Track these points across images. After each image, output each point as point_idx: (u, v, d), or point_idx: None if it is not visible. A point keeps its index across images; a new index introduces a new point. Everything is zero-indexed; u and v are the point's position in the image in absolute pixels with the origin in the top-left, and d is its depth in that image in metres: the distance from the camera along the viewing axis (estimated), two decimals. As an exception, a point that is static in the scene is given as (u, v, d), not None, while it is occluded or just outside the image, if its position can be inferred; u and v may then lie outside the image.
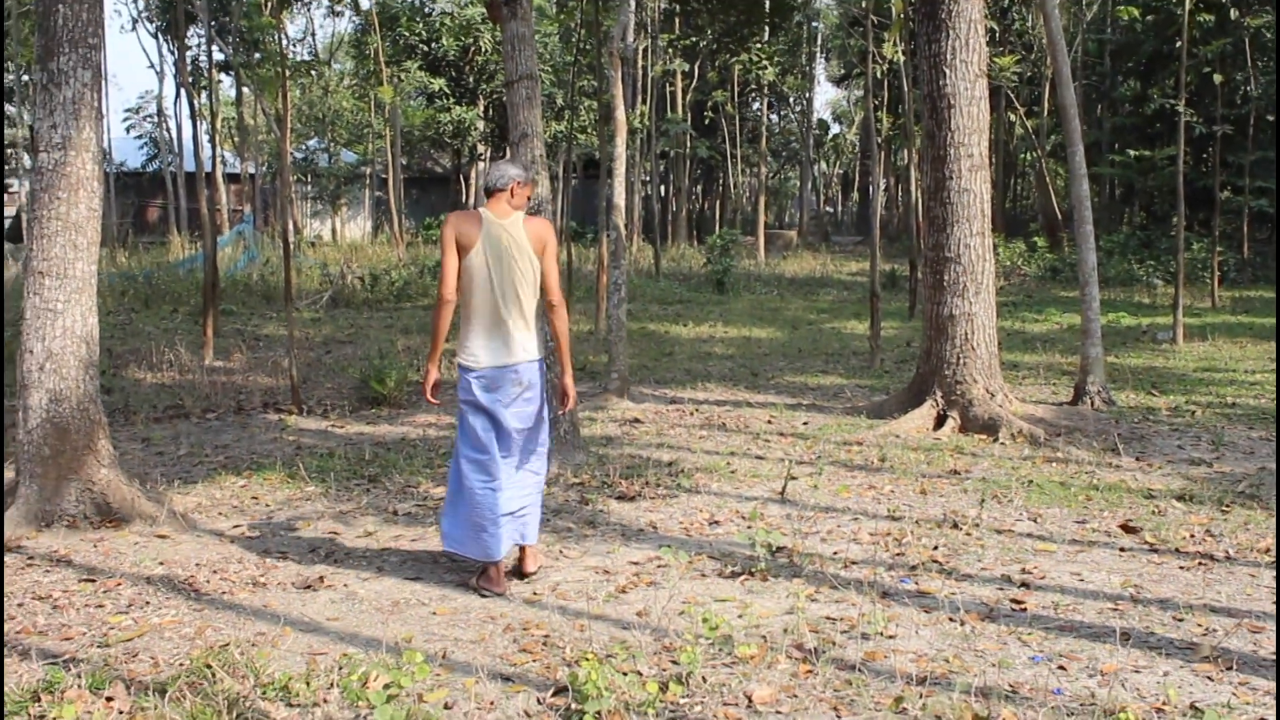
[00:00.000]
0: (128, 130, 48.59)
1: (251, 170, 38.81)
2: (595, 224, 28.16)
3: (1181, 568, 5.94)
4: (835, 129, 63.66)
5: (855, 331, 17.76)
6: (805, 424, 10.24)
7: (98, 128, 6.84)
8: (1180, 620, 5.12)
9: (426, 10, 32.04)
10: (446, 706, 4.22)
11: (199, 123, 23.50)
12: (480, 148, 35.80)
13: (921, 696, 4.25)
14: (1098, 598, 5.45)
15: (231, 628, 5.05)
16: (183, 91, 19.91)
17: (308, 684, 4.31)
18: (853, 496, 7.55)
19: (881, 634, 4.93)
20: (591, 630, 5.00)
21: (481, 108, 33.21)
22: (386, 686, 4.22)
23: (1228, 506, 7.20)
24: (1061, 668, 4.57)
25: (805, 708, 4.20)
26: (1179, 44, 16.78)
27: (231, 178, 41.93)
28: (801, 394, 11.91)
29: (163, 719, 4.02)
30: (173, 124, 41.36)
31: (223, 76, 38.12)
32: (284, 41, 16.05)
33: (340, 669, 4.48)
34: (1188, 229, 26.96)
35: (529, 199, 5.91)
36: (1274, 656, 4.67)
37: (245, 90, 32.02)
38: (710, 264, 26.63)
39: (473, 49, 31.69)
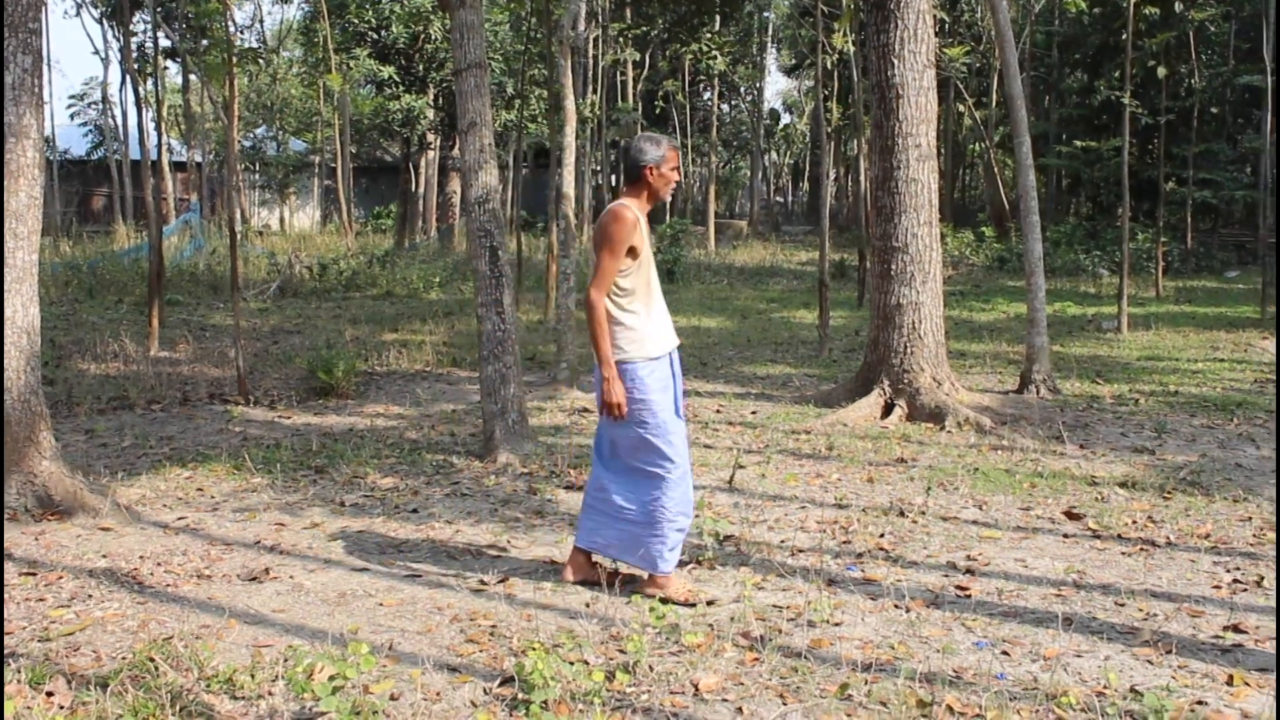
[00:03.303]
0: (72, 118, 48.03)
1: (198, 158, 38.47)
2: (546, 214, 28.10)
3: (1123, 553, 6.01)
4: (786, 119, 63.83)
5: (804, 321, 17.82)
6: (754, 413, 10.27)
7: (39, 114, 6.74)
8: (1121, 605, 5.18)
9: (375, -3, 31.83)
10: (393, 698, 4.20)
11: (144, 110, 23.22)
12: (430, 137, 35.58)
13: (867, 683, 4.28)
14: (1041, 583, 5.51)
15: (176, 620, 5.00)
16: (128, 78, 19.63)
17: (253, 676, 4.29)
18: (800, 485, 7.58)
19: (828, 621, 4.96)
20: (539, 620, 4.99)
21: (431, 96, 32.99)
22: (332, 678, 4.19)
23: (1169, 493, 7.30)
24: (1005, 653, 4.61)
25: (751, 695, 4.22)
26: (1125, 36, 16.92)
27: (178, 166, 41.51)
28: (750, 383, 11.94)
29: (104, 713, 3.98)
30: (118, 111, 40.75)
31: (169, 63, 37.66)
32: (231, 28, 15.89)
33: (286, 661, 4.45)
34: (1133, 220, 27.26)
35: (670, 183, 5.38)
36: (1214, 640, 4.74)
37: (192, 77, 31.80)
38: (660, 253, 26.61)
39: (422, 37, 31.46)
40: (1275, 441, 8.79)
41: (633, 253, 5.14)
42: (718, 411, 10.34)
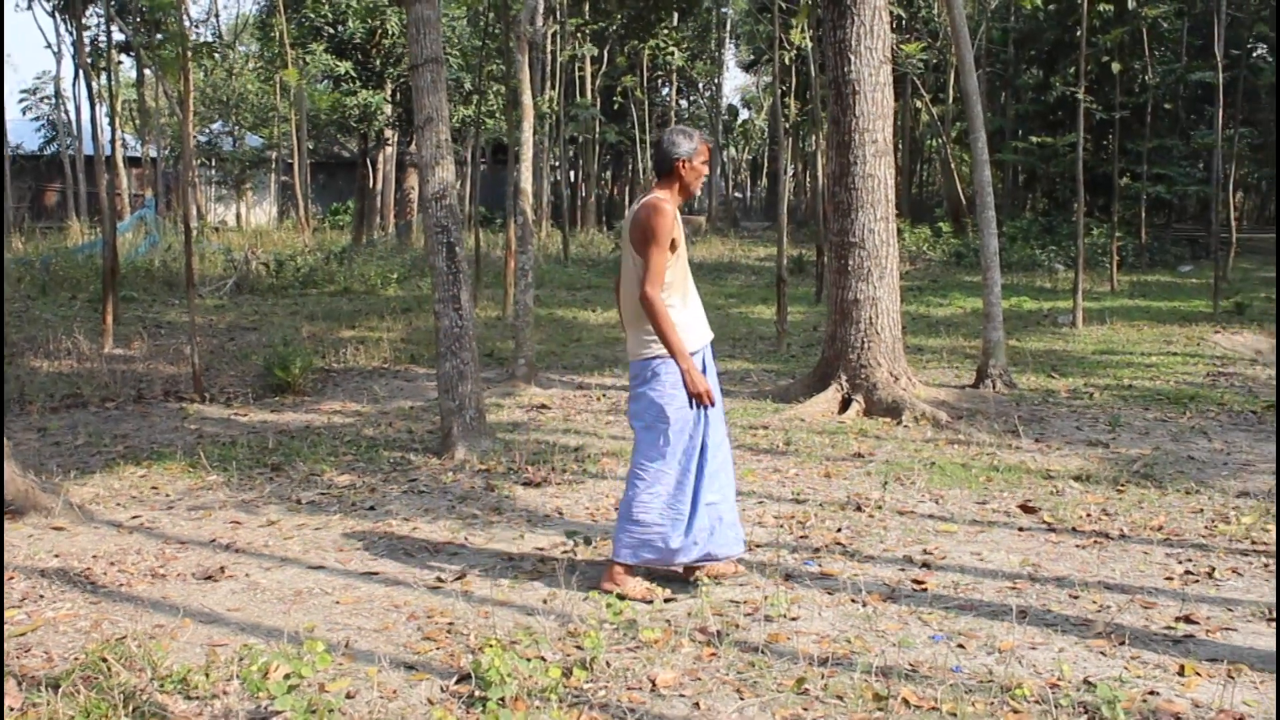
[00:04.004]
0: (24, 112, 47.49)
1: (153, 154, 38.06)
2: (504, 210, 28.02)
3: (1078, 546, 6.06)
4: (744, 114, 64.00)
5: (762, 316, 17.87)
6: (712, 408, 10.26)
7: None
8: (1076, 597, 5.22)
9: (333, -8, 31.62)
10: (349, 696, 4.18)
11: (98, 105, 23.00)
12: (387, 132, 35.40)
13: (823, 677, 4.29)
14: (997, 577, 5.55)
15: (129, 620, 4.95)
16: (81, 72, 19.43)
17: (207, 676, 4.25)
18: (758, 480, 7.60)
19: (785, 616, 4.97)
20: (496, 617, 4.98)
21: (389, 91, 32.80)
22: (287, 677, 4.17)
23: (1123, 486, 7.36)
24: (961, 646, 4.64)
25: (709, 690, 4.22)
26: (1079, 33, 17.05)
27: (132, 161, 41.15)
28: (709, 379, 11.93)
29: (56, 715, 3.93)
30: (71, 106, 40.43)
31: (123, 57, 37.33)
32: (186, 22, 15.74)
33: (241, 660, 4.42)
34: (1088, 215, 27.53)
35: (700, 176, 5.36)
36: (1166, 631, 4.79)
37: (146, 72, 31.49)
38: (619, 249, 26.60)
39: (379, 32, 31.26)
40: (1275, 441, 8.83)
41: (673, 246, 5.14)
42: (676, 407, 10.33)
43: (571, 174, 48.20)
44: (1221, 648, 4.62)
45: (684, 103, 55.08)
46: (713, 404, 5.19)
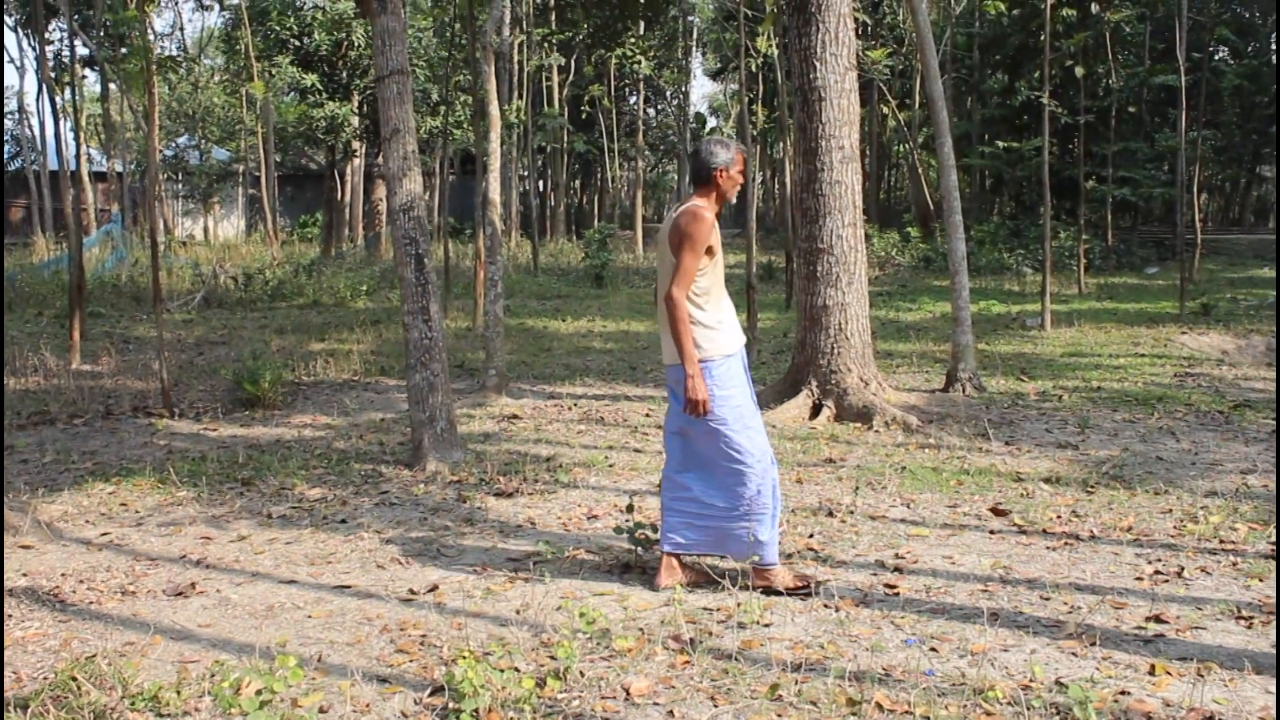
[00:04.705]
0: (-13, 128, 47.11)
1: (119, 168, 37.85)
2: (473, 220, 28.00)
3: (1048, 548, 6.09)
4: (712, 122, 64.00)
5: (734, 323, 17.85)
6: (684, 416, 10.27)
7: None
8: (1047, 599, 5.25)
9: (298, 4, 31.48)
10: (322, 711, 4.16)
11: (63, 119, 22.87)
12: (355, 144, 35.32)
13: (797, 683, 4.30)
14: (968, 580, 5.57)
15: (99, 638, 4.91)
16: (45, 87, 19.31)
17: (178, 693, 4.22)
18: (730, 487, 7.59)
19: (758, 623, 4.98)
20: (469, 628, 4.97)
21: (355, 103, 32.75)
22: (259, 693, 4.15)
23: (1092, 488, 7.41)
24: (933, 649, 4.66)
25: (683, 698, 4.22)
26: (1043, 38, 17.17)
27: (98, 176, 40.88)
28: (680, 386, 11.94)
29: (25, 734, 3.91)
30: (35, 121, 40.19)
31: (87, 72, 37.13)
32: (150, 35, 15.67)
33: (212, 676, 4.39)
34: (1054, 218, 27.70)
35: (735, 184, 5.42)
36: (1136, 631, 4.82)
37: (111, 86, 31.32)
38: (588, 258, 26.62)
39: (345, 44, 31.21)
40: (1276, 440, 8.91)
41: (709, 252, 5.25)
42: (647, 415, 10.35)
43: (540, 183, 48.21)
44: (1191, 646, 4.65)
45: (652, 111, 55.15)
46: (708, 414, 5.23)
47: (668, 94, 53.76)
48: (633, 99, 46.98)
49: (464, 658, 4.36)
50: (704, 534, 5.43)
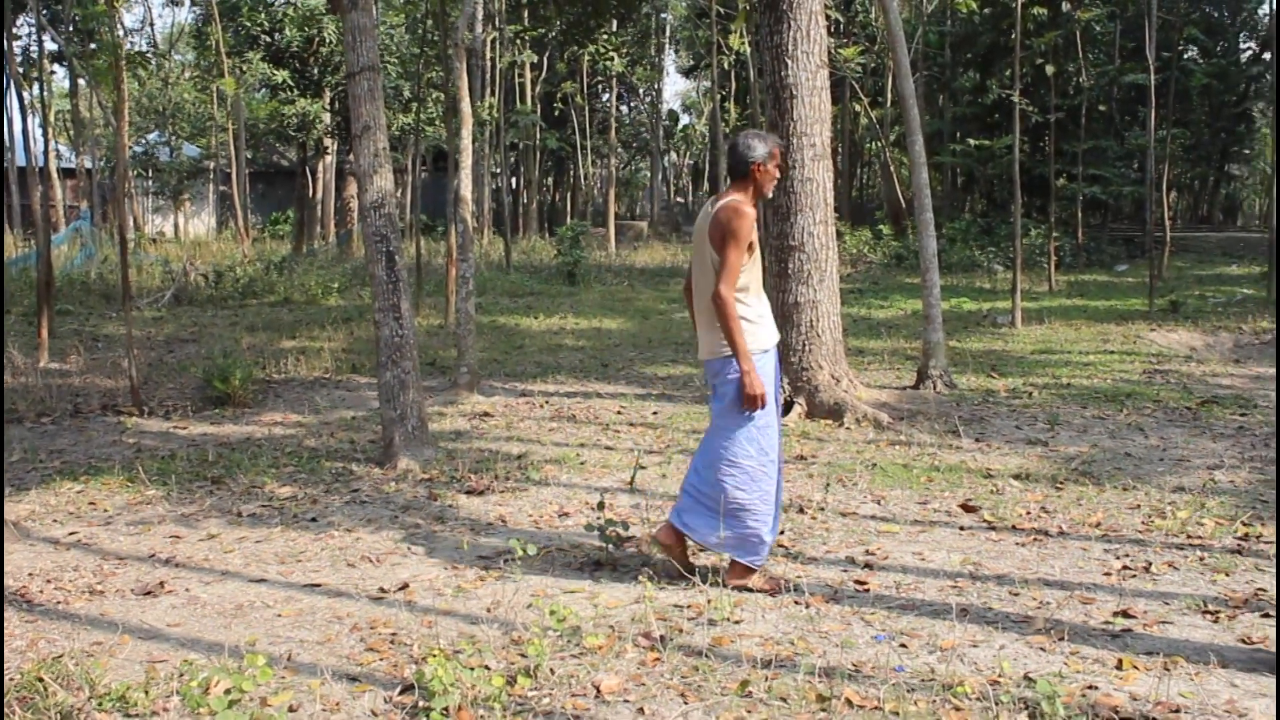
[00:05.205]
0: (-46, 125, 46.68)
1: (88, 165, 37.60)
2: (445, 217, 27.96)
3: (1018, 544, 6.13)
4: (685, 120, 64.00)
5: (706, 321, 17.86)
6: (655, 413, 10.30)
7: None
8: (1016, 595, 5.28)
9: (268, 0, 31.37)
10: (291, 710, 4.15)
11: (30, 115, 22.69)
12: (326, 141, 35.20)
13: (767, 679, 4.31)
14: (938, 576, 5.59)
15: (66, 638, 4.88)
16: (12, 83, 19.17)
17: (146, 693, 4.20)
18: (702, 484, 7.60)
19: (728, 619, 4.98)
20: (439, 626, 4.96)
21: (327, 100, 32.62)
22: (228, 692, 4.13)
23: (1061, 484, 7.45)
24: (903, 645, 4.67)
25: (653, 695, 4.22)
26: (1014, 36, 17.26)
27: (67, 173, 40.59)
28: (651, 384, 11.97)
29: (-10, 734, 3.88)
30: (2, 117, 39.82)
31: (56, 67, 36.85)
32: (120, 31, 15.56)
33: (181, 676, 4.37)
34: (1025, 216, 27.83)
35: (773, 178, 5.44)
36: (1104, 626, 4.85)
37: (80, 82, 31.08)
38: (561, 255, 26.58)
39: (316, 40, 31.09)
40: (1276, 440, 8.96)
41: (750, 248, 5.25)
42: (619, 413, 10.35)
43: (513, 180, 48.15)
44: (1158, 641, 4.68)
45: (625, 108, 55.16)
46: (764, 407, 5.27)
47: (640, 91, 53.79)
48: (605, 96, 46.91)
49: (434, 656, 4.35)
50: (701, 519, 5.42)
